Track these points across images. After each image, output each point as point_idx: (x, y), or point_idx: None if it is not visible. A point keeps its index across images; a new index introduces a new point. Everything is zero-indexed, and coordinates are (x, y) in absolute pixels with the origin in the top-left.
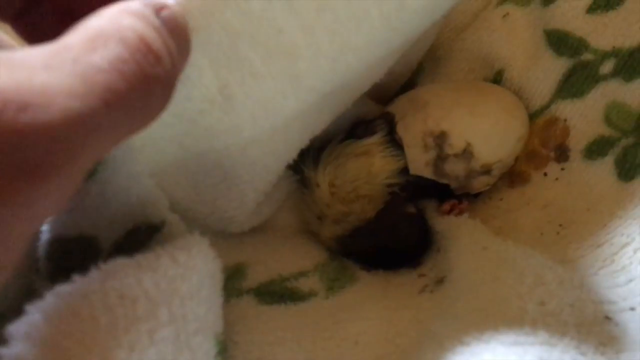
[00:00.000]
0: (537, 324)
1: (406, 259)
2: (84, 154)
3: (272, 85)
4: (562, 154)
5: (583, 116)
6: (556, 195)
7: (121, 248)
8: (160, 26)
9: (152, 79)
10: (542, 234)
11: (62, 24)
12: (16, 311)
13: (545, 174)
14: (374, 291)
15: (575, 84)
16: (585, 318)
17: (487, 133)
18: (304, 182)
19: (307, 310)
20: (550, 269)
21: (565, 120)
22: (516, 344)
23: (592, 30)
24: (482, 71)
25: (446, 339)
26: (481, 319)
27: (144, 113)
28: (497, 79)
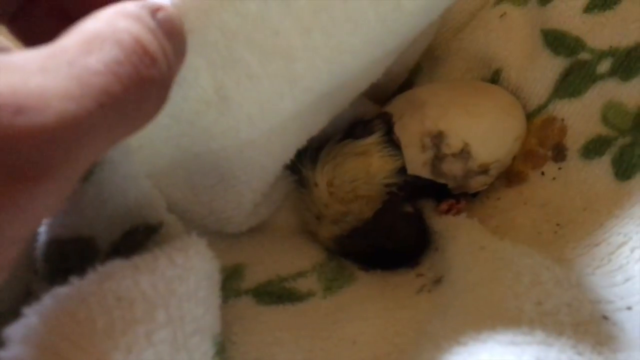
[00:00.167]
0: (534, 323)
1: (404, 258)
2: (79, 156)
3: (268, 86)
4: (559, 153)
5: (580, 115)
6: (553, 195)
7: (119, 249)
8: (156, 28)
9: (147, 81)
10: (539, 233)
11: (59, 26)
12: (14, 312)
13: (542, 174)
14: (372, 291)
15: (573, 83)
16: (582, 317)
17: (485, 133)
18: (302, 182)
19: (305, 311)
20: (548, 268)
21: (563, 119)
22: (513, 344)
23: (589, 30)
24: (480, 71)
25: (444, 338)
26: (479, 318)
27: (140, 115)
28: (495, 78)
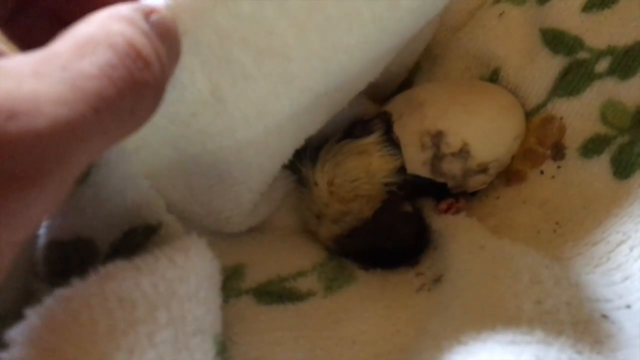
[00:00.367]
0: (533, 323)
1: (404, 258)
2: (73, 159)
3: (264, 86)
4: (558, 152)
5: (579, 114)
6: (552, 194)
7: (119, 250)
8: (149, 31)
9: (141, 84)
10: (538, 232)
11: (53, 28)
12: (15, 314)
13: (541, 172)
14: (372, 290)
15: (571, 82)
16: (581, 316)
17: (484, 132)
18: (302, 181)
19: (305, 310)
20: (547, 267)
21: (562, 118)
22: (513, 343)
23: (587, 29)
24: (479, 70)
25: (443, 338)
26: (478, 318)
27: (134, 118)
28: (494, 77)
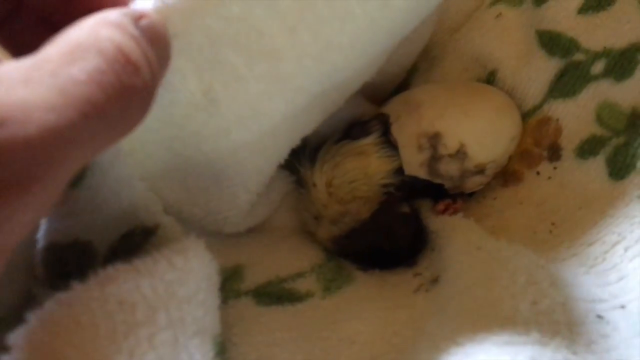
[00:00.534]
0: (529, 323)
1: (402, 258)
2: (63, 165)
3: (256, 87)
4: (554, 153)
5: (575, 116)
6: (549, 194)
7: (117, 251)
8: (139, 36)
9: (131, 89)
10: (535, 232)
11: (44, 34)
12: (15, 318)
13: (538, 173)
14: (370, 291)
15: (567, 84)
16: (576, 317)
17: (481, 133)
18: (300, 182)
19: (304, 311)
20: (543, 268)
21: (558, 119)
22: (509, 344)
23: (583, 31)
24: (476, 71)
25: (441, 339)
26: (475, 319)
27: (124, 123)
28: (490, 79)
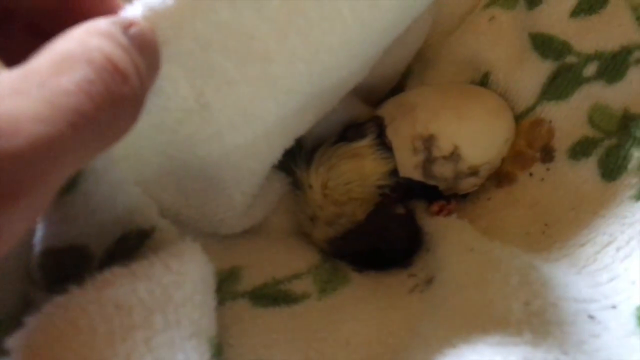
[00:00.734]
0: (522, 324)
1: (397, 259)
2: (52, 175)
3: (248, 91)
4: (547, 154)
5: (567, 118)
6: (542, 195)
7: (114, 255)
8: (128, 44)
9: (120, 98)
10: (528, 233)
11: (34, 43)
12: (13, 322)
13: (531, 174)
14: (365, 292)
15: (560, 86)
16: (568, 317)
17: (474, 135)
18: (296, 184)
19: (300, 313)
20: (535, 268)
21: (550, 121)
22: (501, 345)
23: (575, 34)
24: (469, 74)
25: (434, 340)
26: (468, 320)
27: (113, 131)
28: (484, 81)
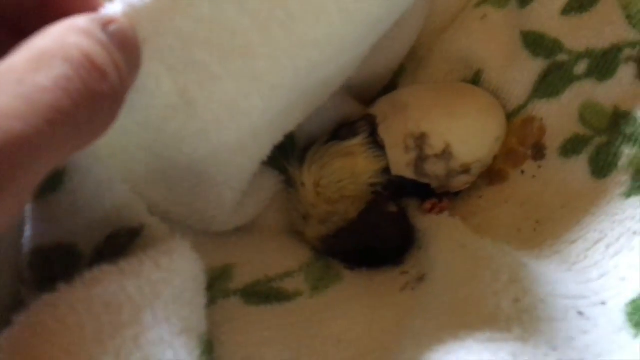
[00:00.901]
0: (511, 320)
1: (389, 257)
2: (30, 171)
3: (231, 86)
4: (538, 152)
5: (558, 115)
6: (533, 193)
7: (103, 253)
8: (107, 41)
9: (98, 95)
10: (519, 230)
11: (12, 40)
12: (3, 319)
13: (522, 172)
14: (357, 290)
15: (551, 84)
16: (557, 313)
17: (466, 134)
18: (289, 182)
19: (292, 310)
20: (525, 266)
21: (542, 119)
22: (491, 341)
23: (566, 32)
24: (462, 72)
25: (425, 337)
26: (458, 317)
27: (92, 128)
28: (476, 79)
